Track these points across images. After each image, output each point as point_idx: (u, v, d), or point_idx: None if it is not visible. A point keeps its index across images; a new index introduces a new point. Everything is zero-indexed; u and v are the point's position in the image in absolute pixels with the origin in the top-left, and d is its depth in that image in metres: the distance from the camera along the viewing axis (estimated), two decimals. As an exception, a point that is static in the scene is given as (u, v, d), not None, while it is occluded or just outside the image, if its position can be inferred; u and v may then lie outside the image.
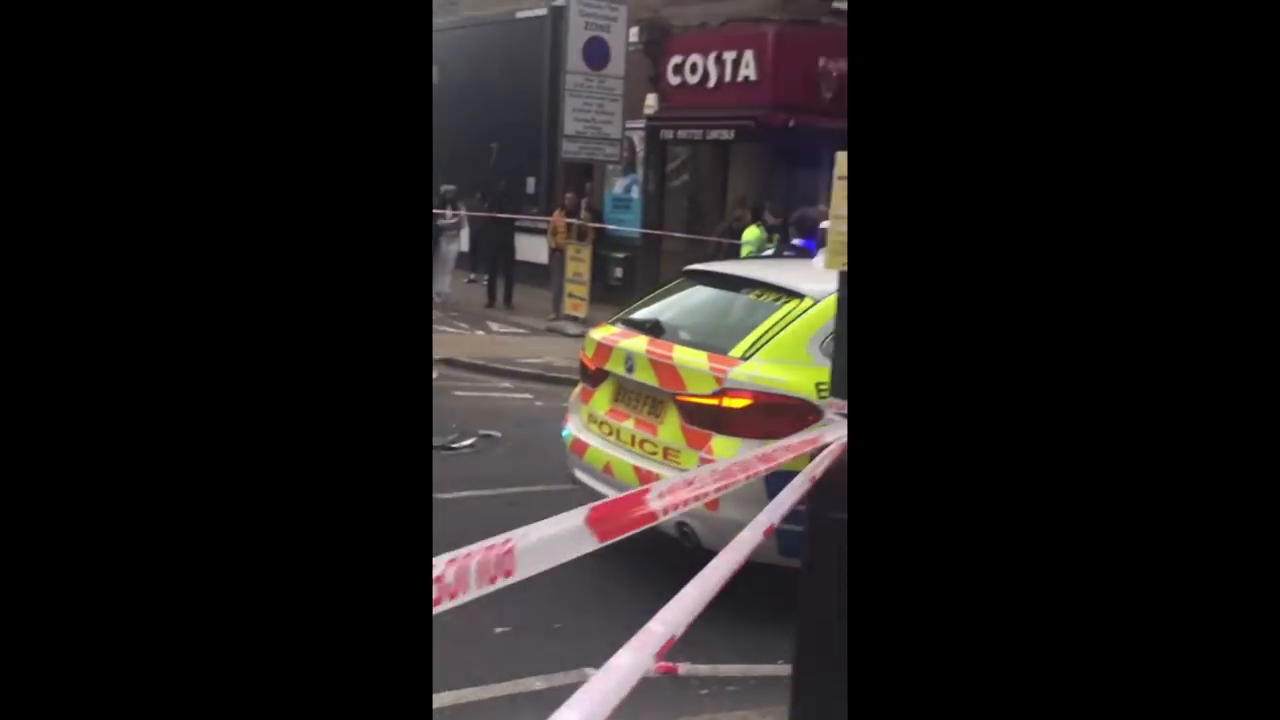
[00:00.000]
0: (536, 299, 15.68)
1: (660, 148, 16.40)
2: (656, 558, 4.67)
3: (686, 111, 15.48)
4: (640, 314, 5.75)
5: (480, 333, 13.96)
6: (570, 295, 14.41)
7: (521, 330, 14.01)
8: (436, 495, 6.57)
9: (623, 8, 15.02)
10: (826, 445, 2.98)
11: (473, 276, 17.70)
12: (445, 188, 16.83)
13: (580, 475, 5.62)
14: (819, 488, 2.86)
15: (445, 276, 16.57)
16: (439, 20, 21.16)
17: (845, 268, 3.14)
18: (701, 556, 2.12)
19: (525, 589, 1.79)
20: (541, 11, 18.24)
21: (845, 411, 3.02)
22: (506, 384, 10.67)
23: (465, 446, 7.86)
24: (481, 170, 18.26)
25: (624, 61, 14.92)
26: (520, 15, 19.00)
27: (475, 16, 20.13)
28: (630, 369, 5.28)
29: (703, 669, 4.02)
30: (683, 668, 3.95)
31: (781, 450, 2.93)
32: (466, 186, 17.24)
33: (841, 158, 3.17)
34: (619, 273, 16.48)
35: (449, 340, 12.89)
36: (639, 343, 5.32)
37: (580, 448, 5.58)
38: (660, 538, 4.51)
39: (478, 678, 4.11)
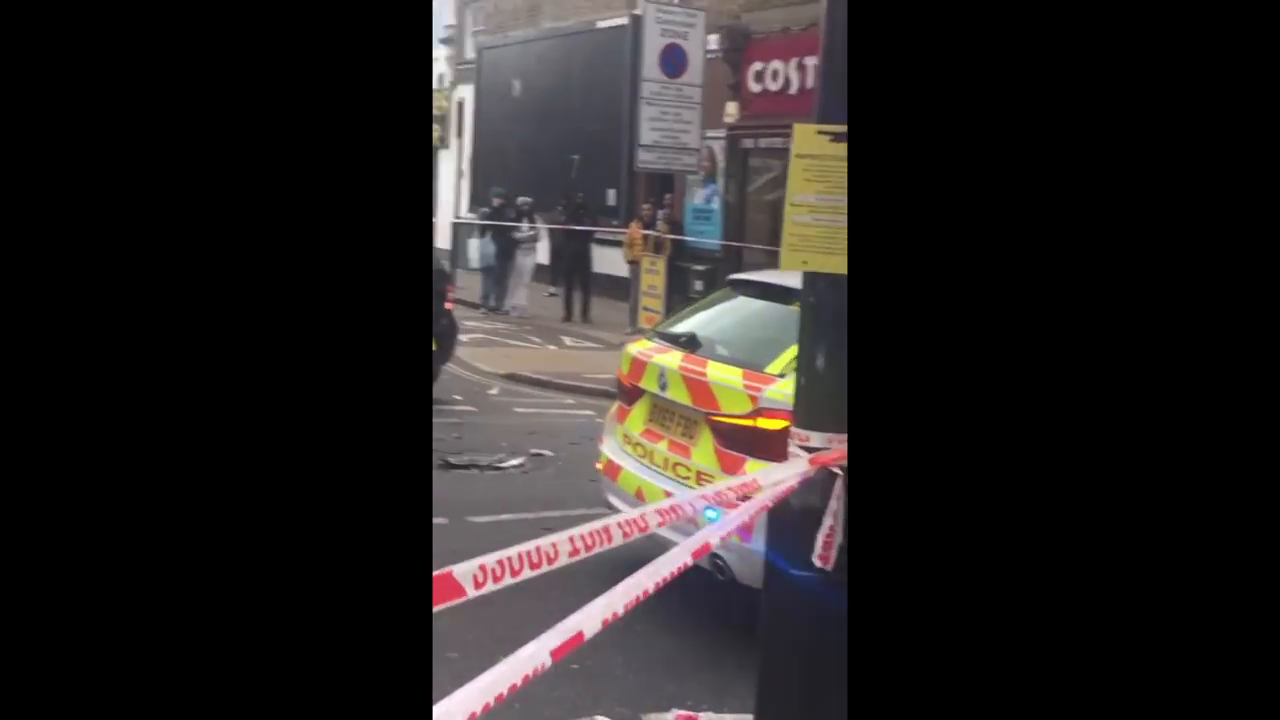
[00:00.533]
0: (616, 312, 15.35)
1: (741, 157, 15.97)
2: (682, 593, 4.25)
3: (768, 119, 14.98)
4: (677, 327, 5.34)
5: (552, 347, 13.65)
6: (645, 309, 14.04)
7: (596, 345, 13.66)
8: (471, 518, 6.28)
9: (700, 14, 14.66)
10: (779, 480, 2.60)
11: (552, 290, 17.47)
12: (521, 200, 16.67)
13: (613, 500, 5.21)
14: (777, 535, 2.55)
15: (521, 290, 16.39)
16: (521, 33, 21.09)
17: (806, 267, 2.72)
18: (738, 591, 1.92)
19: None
20: (623, 21, 17.95)
21: (809, 444, 2.79)
22: (569, 400, 10.32)
23: (513, 466, 7.51)
24: (562, 182, 18.03)
25: (702, 69, 14.54)
26: (601, 25, 18.76)
27: (556, 28, 19.97)
28: (664, 386, 4.87)
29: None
30: (703, 717, 3.85)
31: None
32: (546, 198, 17.01)
33: (801, 131, 2.79)
34: (698, 285, 16.07)
35: (516, 355, 12.62)
36: (673, 358, 4.90)
37: (613, 471, 5.18)
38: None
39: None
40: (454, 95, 23.33)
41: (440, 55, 25.65)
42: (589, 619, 1.79)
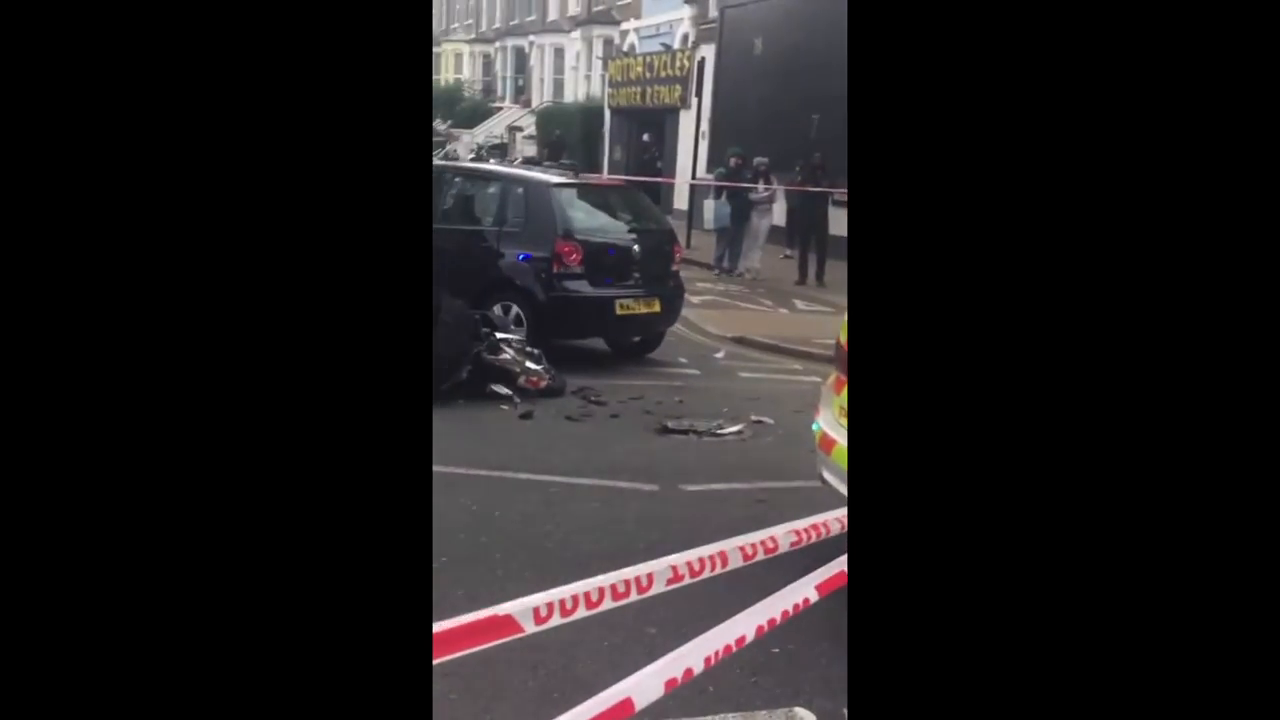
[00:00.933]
0: (850, 276, 14.87)
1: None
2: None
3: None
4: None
5: (784, 310, 13.35)
6: (881, 273, 13.51)
7: (829, 309, 13.25)
8: (684, 485, 6.12)
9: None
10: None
11: (788, 252, 17.12)
12: (758, 160, 16.35)
13: (827, 476, 4.92)
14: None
15: (755, 251, 16.12)
16: (763, -11, 20.65)
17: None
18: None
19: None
20: (869, -26, 17.24)
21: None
22: (796, 365, 10.01)
23: (732, 433, 7.30)
24: (800, 142, 17.56)
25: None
26: (847, -21, 18.11)
27: (802, -17, 19.44)
28: (883, 358, 4.53)
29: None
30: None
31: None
32: (785, 159, 16.63)
33: None
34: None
35: (746, 317, 12.39)
36: (895, 327, 4.56)
37: (828, 444, 4.89)
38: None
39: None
40: (695, 55, 23.16)
41: (684, 15, 25.50)
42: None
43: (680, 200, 21.82)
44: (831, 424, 5.00)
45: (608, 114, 28.77)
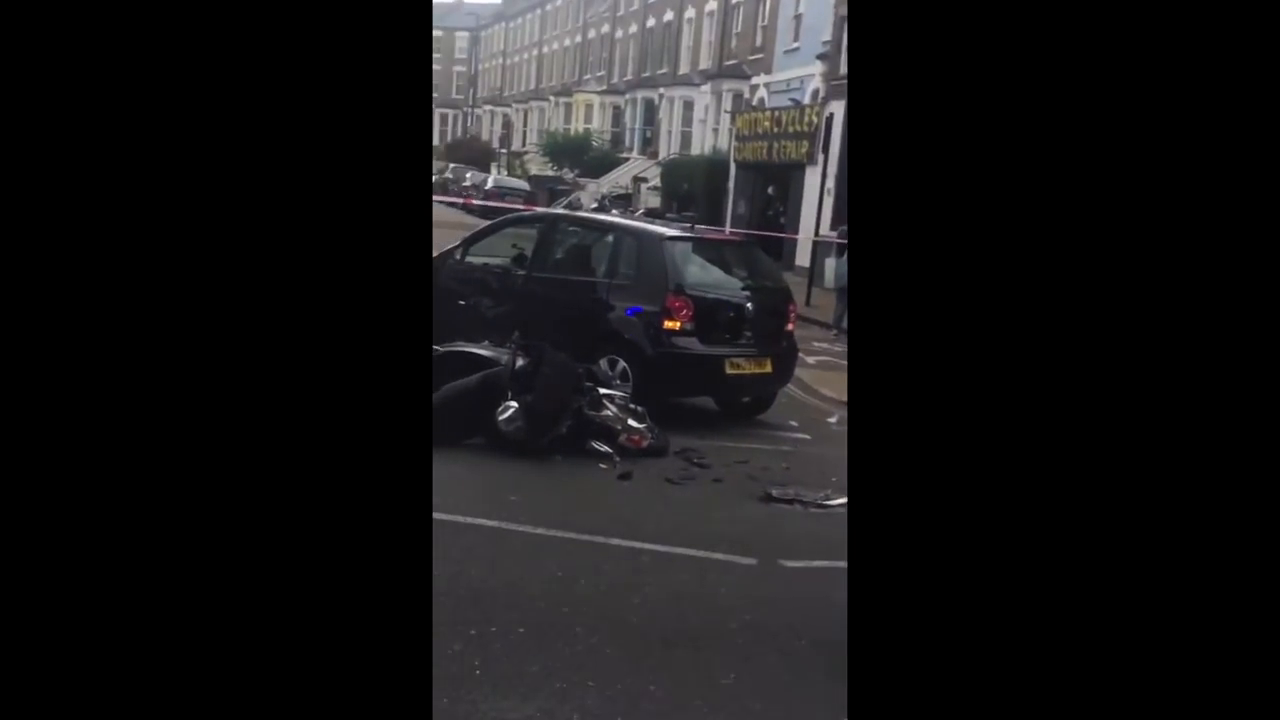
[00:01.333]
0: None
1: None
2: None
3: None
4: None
5: (903, 375, 12.87)
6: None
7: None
8: (784, 561, 5.74)
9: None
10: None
11: (910, 314, 16.61)
12: (883, 219, 15.92)
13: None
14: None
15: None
16: (896, 47, 20.29)
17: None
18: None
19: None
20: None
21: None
22: (913, 435, 9.56)
23: (839, 505, 6.89)
24: (928, 202, 17.12)
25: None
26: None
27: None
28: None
29: None
30: None
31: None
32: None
33: None
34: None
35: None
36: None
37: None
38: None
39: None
40: (824, 110, 22.87)
41: (815, 70, 25.28)
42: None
43: (803, 258, 21.47)
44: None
45: (733, 168, 28.66)
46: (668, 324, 8.53)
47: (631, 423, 7.71)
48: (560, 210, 14.60)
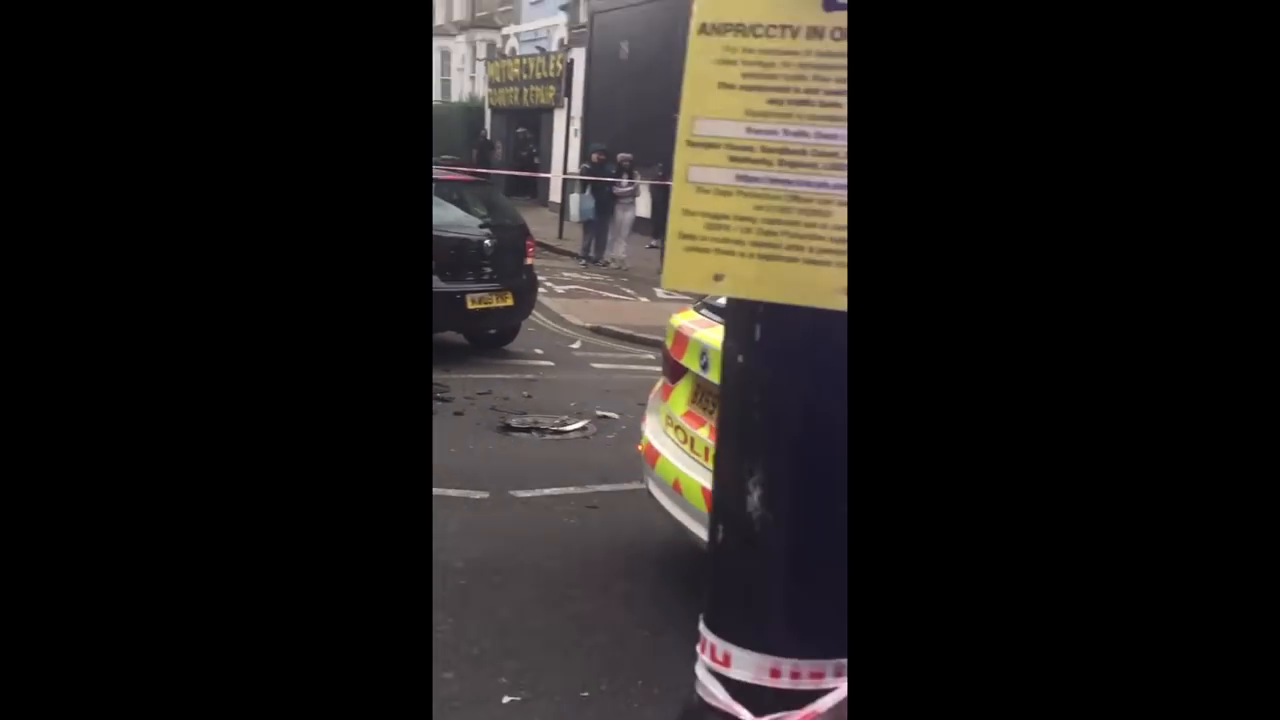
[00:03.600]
0: (709, 266, 14.30)
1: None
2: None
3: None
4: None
5: (644, 300, 12.68)
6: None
7: (687, 298, 12.64)
8: (516, 492, 5.39)
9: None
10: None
11: (654, 243, 16.49)
12: (622, 155, 15.71)
13: (652, 488, 4.25)
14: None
15: (620, 242, 15.49)
16: (629, -7, 19.92)
17: (720, 289, 1.48)
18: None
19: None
20: (725, -19, 16.63)
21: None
22: (650, 355, 9.34)
23: (575, 430, 6.59)
24: (664, 139, 16.95)
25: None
26: (705, -14, 17.48)
27: (665, -11, 18.76)
28: (704, 366, 3.87)
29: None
30: None
31: None
32: (650, 155, 15.97)
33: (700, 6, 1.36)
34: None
35: (605, 307, 11.69)
36: (716, 334, 3.88)
37: (652, 456, 4.22)
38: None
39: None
40: (567, 57, 22.33)
41: (559, 20, 24.66)
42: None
43: (555, 194, 21.04)
44: (657, 433, 4.32)
45: (489, 112, 27.93)
46: (407, 264, 7.96)
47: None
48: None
